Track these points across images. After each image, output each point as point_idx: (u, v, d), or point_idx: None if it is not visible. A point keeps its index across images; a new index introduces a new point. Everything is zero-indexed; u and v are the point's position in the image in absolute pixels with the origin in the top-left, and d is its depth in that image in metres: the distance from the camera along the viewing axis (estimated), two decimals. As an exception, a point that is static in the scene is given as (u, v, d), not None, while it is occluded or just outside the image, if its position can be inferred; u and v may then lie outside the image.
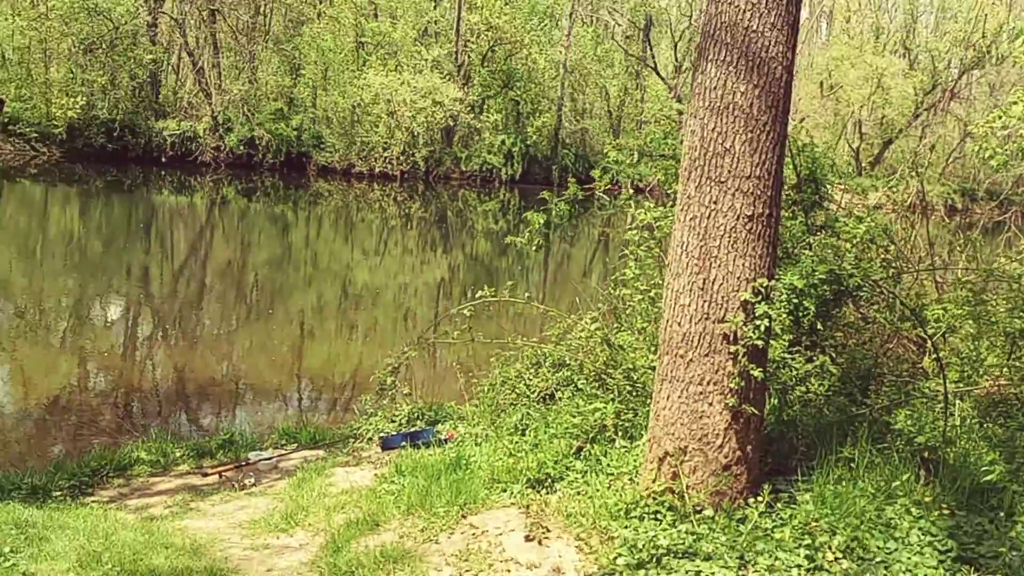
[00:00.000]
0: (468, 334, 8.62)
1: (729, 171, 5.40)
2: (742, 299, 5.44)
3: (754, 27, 5.34)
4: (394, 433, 8.23)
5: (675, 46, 55.18)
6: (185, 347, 14.74)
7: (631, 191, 9.10)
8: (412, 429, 8.24)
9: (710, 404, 5.55)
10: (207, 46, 46.51)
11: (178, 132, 42.69)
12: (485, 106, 49.38)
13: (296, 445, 9.04)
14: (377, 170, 44.80)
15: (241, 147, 43.26)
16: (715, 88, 5.42)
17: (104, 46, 42.14)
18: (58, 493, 7.31)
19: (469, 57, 48.74)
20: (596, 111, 56.21)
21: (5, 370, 12.71)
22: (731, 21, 5.37)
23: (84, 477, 7.79)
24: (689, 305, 5.52)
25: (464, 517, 6.09)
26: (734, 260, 5.44)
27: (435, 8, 49.50)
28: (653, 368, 6.48)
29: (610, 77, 55.15)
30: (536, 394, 7.91)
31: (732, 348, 5.46)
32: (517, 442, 6.99)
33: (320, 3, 47.78)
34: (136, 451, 8.42)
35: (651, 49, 56.30)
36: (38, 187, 35.54)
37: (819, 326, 6.31)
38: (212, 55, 46.14)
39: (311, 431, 9.38)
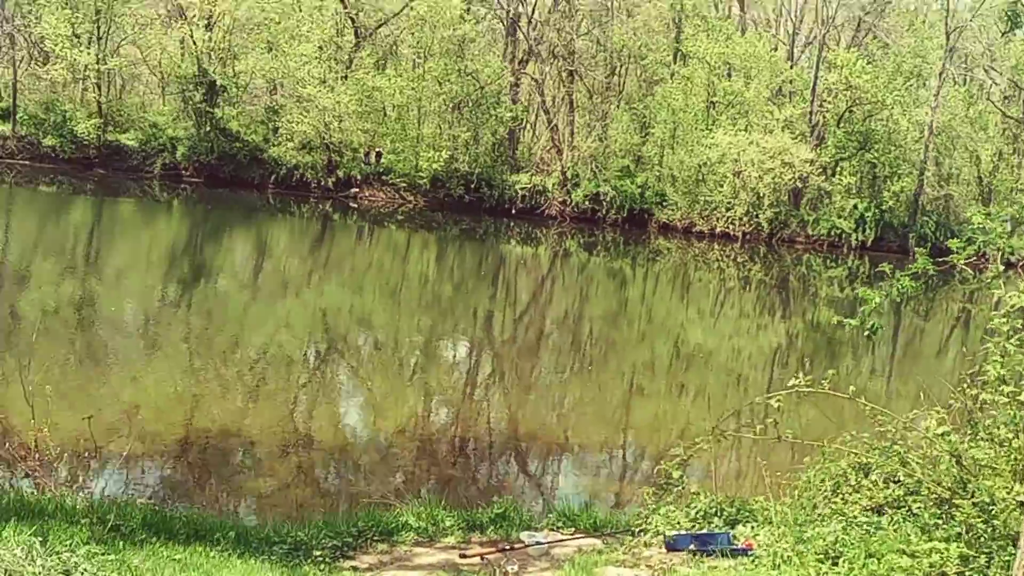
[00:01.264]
0: (775, 430, 7.17)
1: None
2: None
3: None
4: (683, 532, 7.11)
5: (1065, 107, 49.86)
6: (519, 392, 15.49)
7: (1000, 267, 7.09)
8: (704, 530, 7.13)
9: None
10: (563, 105, 49.09)
11: (529, 186, 45.27)
12: (838, 168, 47.53)
13: (573, 531, 8.11)
14: (718, 230, 44.55)
15: (586, 202, 44.96)
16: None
17: (470, 104, 45.88)
18: (319, 553, 7.04)
19: (824, 117, 47.28)
20: (963, 177, 52.02)
21: (360, 399, 14.08)
22: None
23: (348, 538, 7.42)
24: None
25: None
26: None
27: (791, 67, 48.65)
28: (1021, 504, 5.48)
29: (982, 140, 50.89)
30: (858, 510, 6.49)
31: None
32: (824, 574, 5.63)
33: (674, 63, 48.76)
34: (405, 516, 7.91)
35: (1035, 110, 51.28)
36: (402, 232, 39.23)
37: None
38: (567, 113, 48.60)
39: (592, 516, 8.38)
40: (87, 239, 28.09)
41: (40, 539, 5.53)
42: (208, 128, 43.79)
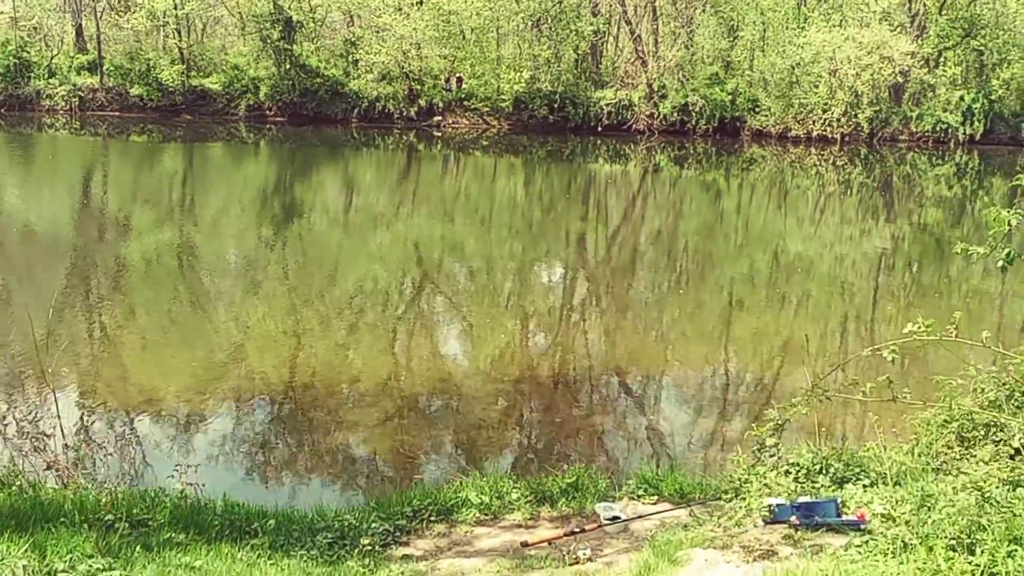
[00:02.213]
0: (888, 388, 6.03)
1: None
2: None
3: None
4: (782, 502, 5.98)
5: None
6: (616, 313, 15.51)
7: None
8: (806, 498, 5.99)
9: None
10: (646, 13, 47.94)
11: (614, 101, 44.59)
12: (941, 59, 45.47)
13: (656, 499, 7.18)
14: (815, 133, 43.28)
15: (675, 114, 44.12)
16: None
17: (549, 21, 45.18)
18: (367, 542, 6.29)
19: (924, 6, 45.09)
20: (1082, 58, 49.20)
21: (455, 329, 14.30)
22: None
23: (402, 520, 6.69)
24: None
25: None
26: None
27: (887, -46, 46.38)
28: None
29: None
30: (993, 479, 5.27)
31: None
32: (958, 566, 4.43)
33: (761, -40, 47.03)
34: (465, 490, 7.11)
35: None
36: (488, 157, 39.22)
37: None
38: (650, 22, 47.47)
39: (677, 482, 7.31)
40: (181, 185, 28.90)
41: (38, 554, 5.07)
42: (288, 66, 44.23)
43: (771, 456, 6.65)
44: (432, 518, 6.77)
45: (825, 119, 43.08)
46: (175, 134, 40.56)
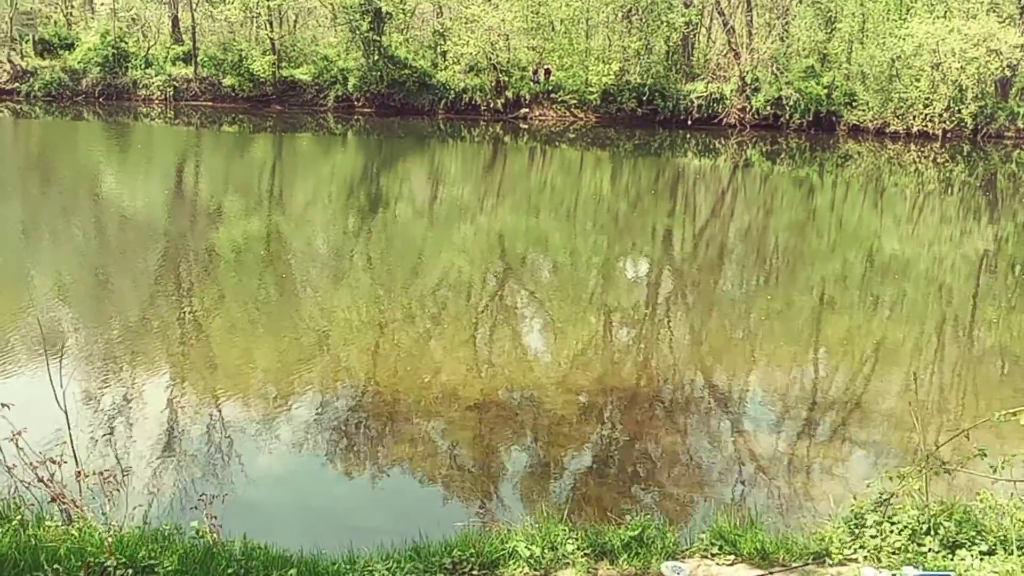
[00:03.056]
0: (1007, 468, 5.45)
1: None
2: None
3: None
4: (883, 570, 5.46)
5: None
6: (702, 310, 15.37)
7: None
8: (913, 571, 5.27)
9: None
10: (740, 5, 47.23)
11: (705, 94, 44.09)
12: (1053, 52, 43.78)
13: (732, 558, 6.26)
14: (915, 129, 42.12)
15: (767, 107, 43.41)
16: None
17: (640, 12, 44.87)
18: None
19: (1036, -5, 43.49)
20: None
21: (537, 325, 14.35)
22: None
23: (440, 574, 5.91)
24: None
25: None
26: None
27: (996, -58, 44.84)
28: None
29: None
30: None
31: None
32: None
33: (861, -51, 45.90)
34: (513, 540, 6.21)
35: None
36: (574, 150, 39.15)
37: None
38: (744, 13, 46.77)
39: (758, 539, 6.27)
40: (270, 175, 29.57)
41: None
42: (376, 57, 44.83)
43: (872, 537, 5.93)
44: (475, 571, 5.94)
45: (926, 114, 41.91)
46: (265, 124, 41.48)
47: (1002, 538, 5.44)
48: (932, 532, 5.75)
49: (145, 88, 46.03)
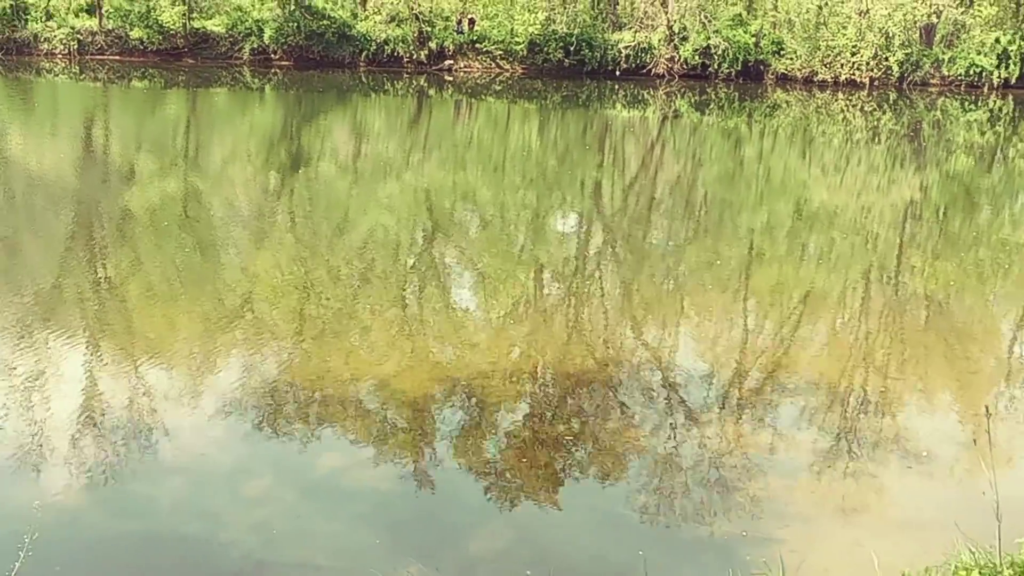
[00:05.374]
0: None
1: None
2: None
3: None
4: None
5: None
6: (632, 262, 15.62)
7: None
8: None
9: None
10: (665, -49, 47.33)
11: (633, 44, 44.26)
12: (977, -2, 44.88)
13: None
14: (843, 77, 42.93)
15: (696, 57, 43.79)
16: None
17: (565, -41, 44.71)
18: None
19: (960, -59, 44.41)
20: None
21: (467, 280, 14.45)
22: None
23: None
24: None
25: None
26: None
27: None
28: None
29: None
30: None
31: None
32: None
33: None
34: None
35: None
36: (501, 103, 39.08)
37: None
38: (670, -40, 46.90)
39: None
40: (185, 132, 28.98)
41: None
42: (293, 7, 44.02)
43: None
44: None
45: (854, 62, 42.71)
46: (177, 79, 40.54)
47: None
48: None
49: (47, 42, 44.55)
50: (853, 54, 42.63)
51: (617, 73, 44.15)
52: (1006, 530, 4.87)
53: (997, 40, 43.09)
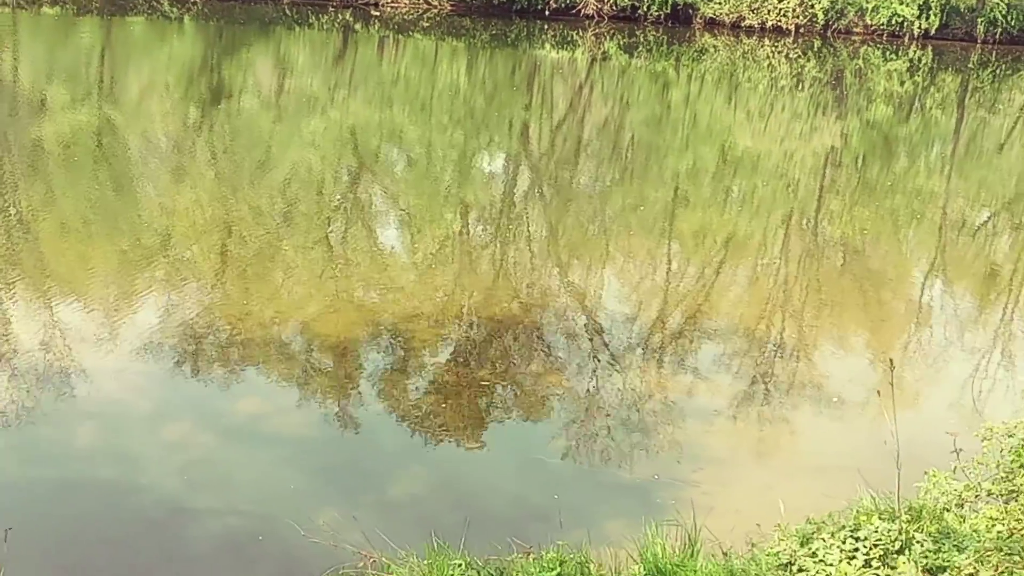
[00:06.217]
0: None
1: None
2: None
3: None
4: None
5: None
6: (558, 205, 15.61)
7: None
8: None
9: None
10: None
11: (563, -17, 43.75)
12: (902, -53, 45.29)
13: None
14: (769, 23, 43.10)
15: (625, -1, 43.52)
16: None
17: None
18: None
19: None
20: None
21: (393, 219, 14.31)
22: None
23: None
24: None
25: None
26: None
27: None
28: None
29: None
30: None
31: None
32: None
33: None
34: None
35: None
36: (429, 40, 38.46)
37: None
38: (601, -101, 46.33)
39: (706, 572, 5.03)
40: (99, 62, 27.95)
41: None
42: (214, -66, 42.47)
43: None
44: None
45: (780, 8, 42.88)
46: (91, 5, 38.94)
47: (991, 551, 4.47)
48: (905, 549, 4.73)
49: (-50, -37, 42.33)
50: (780, 1, 42.83)
51: (547, 13, 43.69)
52: (906, 475, 5.10)
53: (920, -10, 43.69)
